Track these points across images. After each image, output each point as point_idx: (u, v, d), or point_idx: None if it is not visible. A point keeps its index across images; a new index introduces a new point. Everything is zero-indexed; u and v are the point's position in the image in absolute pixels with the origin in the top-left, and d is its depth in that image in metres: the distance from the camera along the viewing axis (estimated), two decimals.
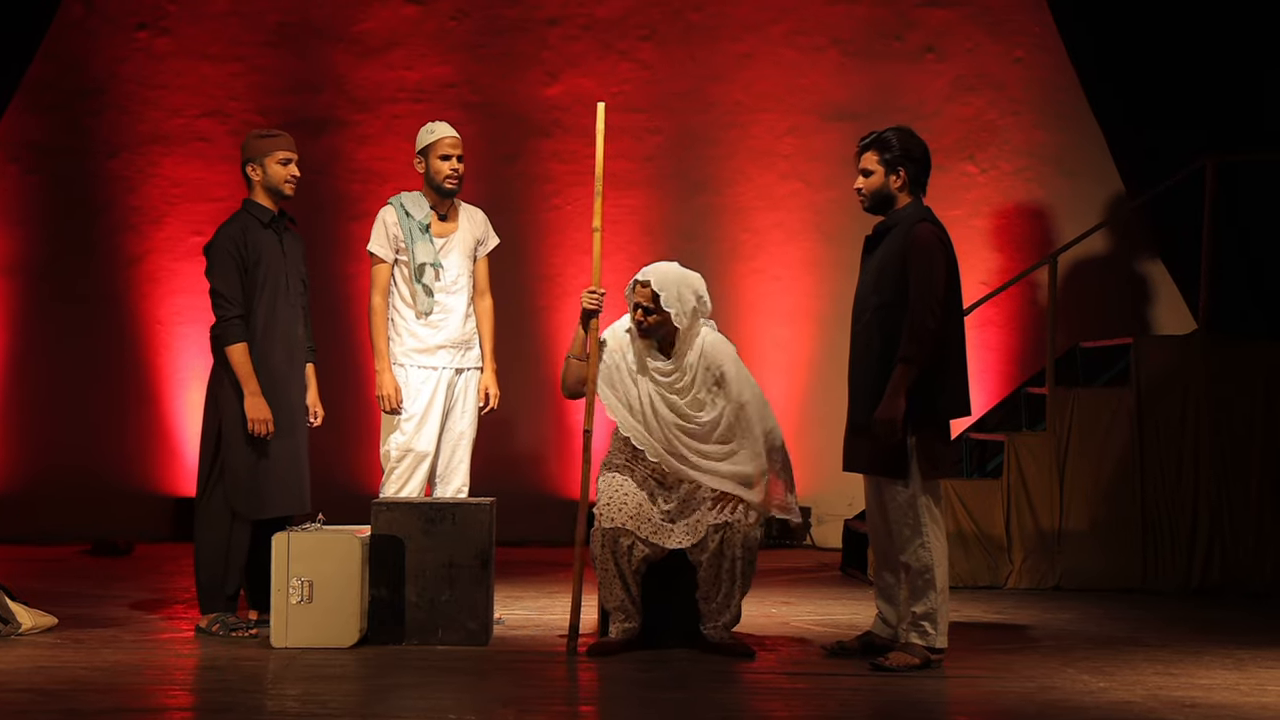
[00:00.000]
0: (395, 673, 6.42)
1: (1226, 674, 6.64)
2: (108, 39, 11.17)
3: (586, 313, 6.91)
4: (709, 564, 6.76)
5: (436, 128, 7.61)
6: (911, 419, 6.56)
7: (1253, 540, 9.17)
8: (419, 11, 11.26)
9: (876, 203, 6.78)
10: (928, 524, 6.62)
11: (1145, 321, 10.92)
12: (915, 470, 6.60)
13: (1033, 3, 10.96)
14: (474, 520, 7.01)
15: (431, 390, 7.57)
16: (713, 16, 11.26)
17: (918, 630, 6.64)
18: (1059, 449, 9.21)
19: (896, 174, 6.72)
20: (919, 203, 6.75)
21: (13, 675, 6.27)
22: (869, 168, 6.76)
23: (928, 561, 6.61)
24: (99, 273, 11.13)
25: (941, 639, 6.64)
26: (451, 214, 7.66)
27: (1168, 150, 9.81)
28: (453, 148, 7.56)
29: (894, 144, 6.71)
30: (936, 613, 6.61)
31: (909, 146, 6.73)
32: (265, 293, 7.23)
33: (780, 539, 10.86)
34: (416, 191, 7.65)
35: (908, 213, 6.70)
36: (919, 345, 6.49)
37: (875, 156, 6.74)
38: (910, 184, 6.74)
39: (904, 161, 6.71)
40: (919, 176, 6.76)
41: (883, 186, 6.74)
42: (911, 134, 6.77)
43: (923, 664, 6.60)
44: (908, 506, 6.63)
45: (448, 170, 7.54)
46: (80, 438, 11.07)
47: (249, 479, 7.17)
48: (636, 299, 6.85)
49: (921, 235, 6.58)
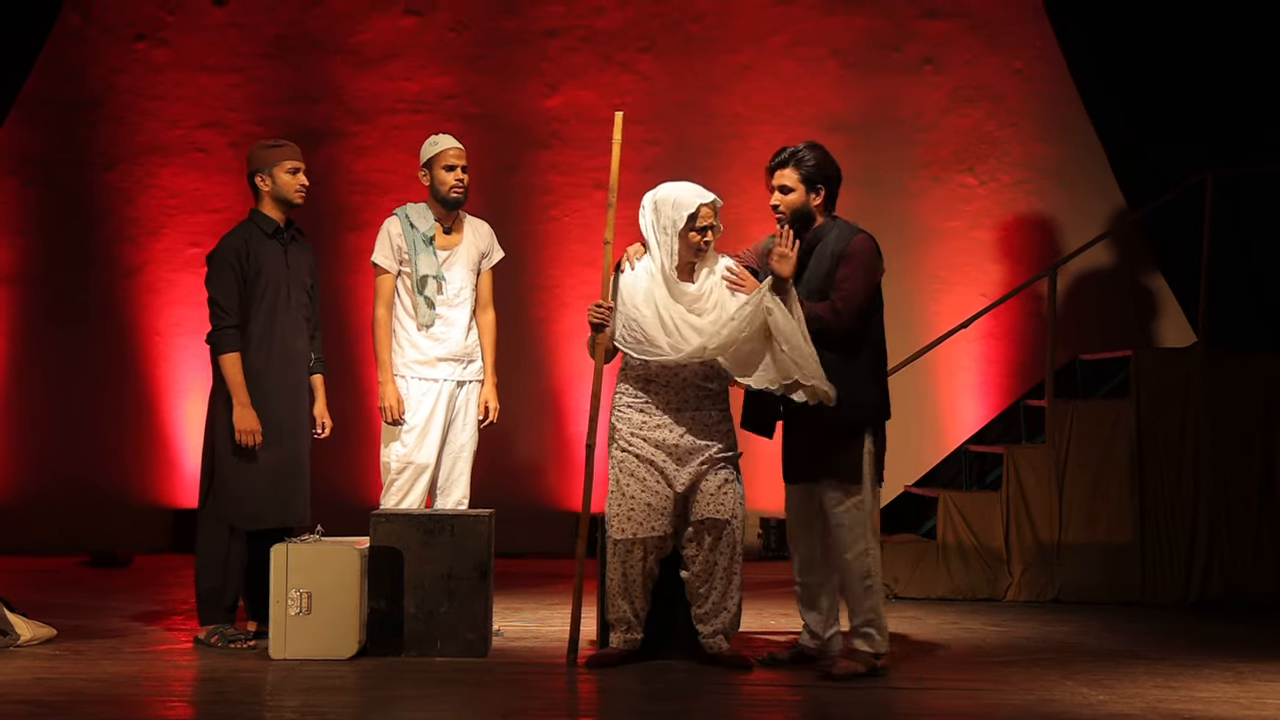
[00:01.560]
0: (394, 684, 6.41)
1: (1226, 687, 6.63)
2: (105, 50, 11.17)
3: (594, 326, 6.89)
4: (703, 561, 6.74)
5: (440, 139, 7.60)
6: (866, 422, 6.63)
7: (1252, 553, 9.16)
8: (418, 23, 11.27)
9: (795, 220, 6.75)
10: (869, 531, 6.66)
11: (1145, 334, 10.91)
12: (868, 475, 6.65)
13: (1032, 14, 10.96)
14: (473, 532, 7.00)
15: (433, 402, 7.56)
16: (712, 28, 11.27)
17: (862, 637, 6.68)
18: (1058, 461, 9.21)
19: (816, 191, 6.73)
20: (839, 219, 6.78)
21: (12, 687, 6.26)
22: (788, 184, 6.73)
23: (869, 567, 6.65)
24: (97, 284, 11.13)
25: (884, 644, 6.70)
26: (456, 227, 7.65)
27: (1168, 163, 9.82)
28: (457, 158, 7.55)
29: (811, 161, 6.71)
30: (879, 618, 6.66)
31: (827, 164, 6.74)
32: (264, 303, 7.22)
33: (779, 550, 10.85)
34: (422, 204, 7.64)
35: (837, 229, 6.71)
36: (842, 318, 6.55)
37: (795, 174, 6.72)
38: (827, 203, 6.77)
39: (822, 179, 6.72)
40: (835, 195, 6.79)
41: (803, 204, 6.74)
42: (826, 151, 6.78)
43: (869, 671, 6.63)
44: (854, 510, 6.65)
45: (452, 181, 7.53)
46: (79, 449, 11.07)
47: (239, 490, 7.16)
48: (707, 221, 6.70)
49: (861, 243, 6.64)
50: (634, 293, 6.81)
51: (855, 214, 6.94)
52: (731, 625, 6.86)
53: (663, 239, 6.77)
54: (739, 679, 6.64)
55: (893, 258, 11.02)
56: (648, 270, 6.83)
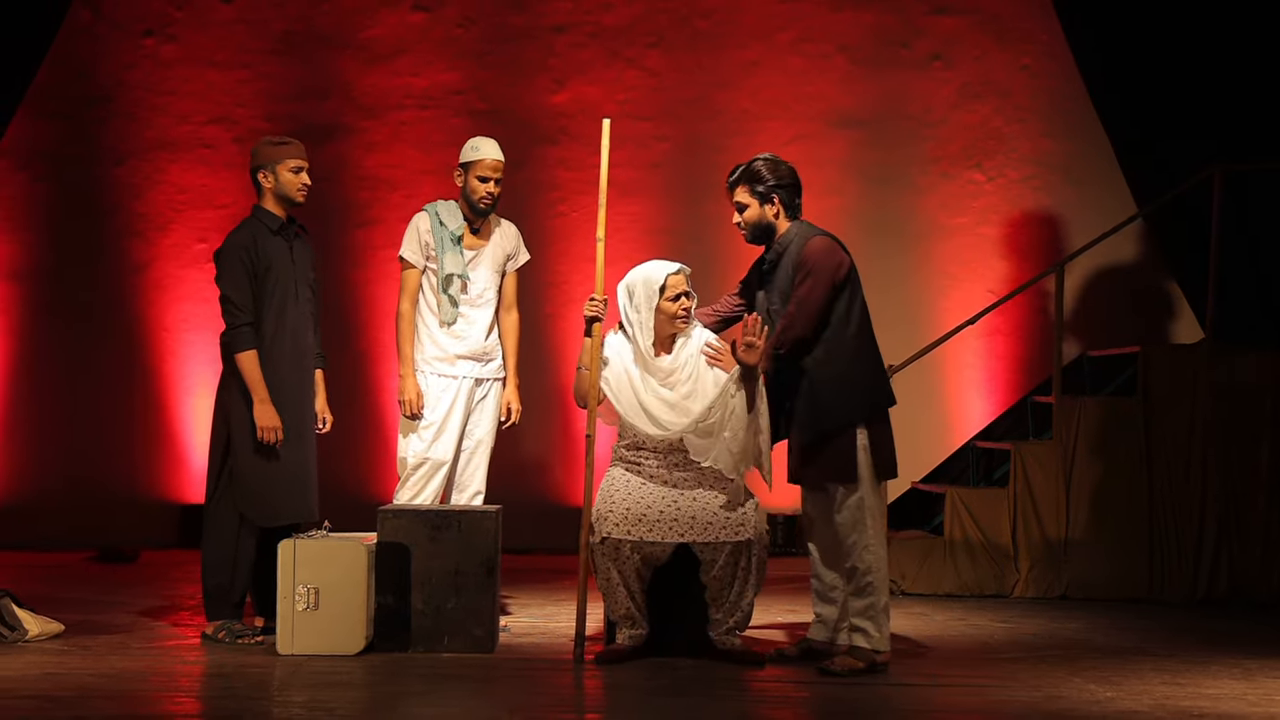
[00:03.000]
0: (401, 680, 6.42)
1: (1234, 684, 6.63)
2: (115, 46, 11.18)
3: (588, 319, 6.93)
4: (724, 563, 6.74)
5: (483, 147, 7.60)
6: (861, 419, 6.66)
7: (1260, 550, 9.16)
8: (426, 19, 11.26)
9: (757, 234, 6.89)
10: (870, 526, 6.67)
11: (1153, 330, 10.90)
12: (866, 471, 6.66)
13: (1040, 10, 10.95)
14: (480, 527, 7.01)
15: (451, 399, 7.58)
16: (720, 24, 11.26)
17: (861, 633, 6.68)
18: (1066, 458, 9.20)
19: (770, 202, 6.82)
20: (802, 223, 6.85)
21: (20, 682, 6.27)
22: (743, 201, 6.86)
23: (870, 563, 6.66)
24: (105, 279, 11.14)
25: (884, 641, 6.69)
26: (484, 228, 7.68)
27: (1176, 159, 9.81)
28: (493, 170, 7.56)
29: (763, 174, 6.82)
30: (879, 615, 6.66)
31: (778, 174, 6.83)
32: (274, 300, 7.23)
33: (785, 546, 10.85)
34: (452, 201, 7.66)
35: (796, 234, 6.80)
36: (786, 340, 6.66)
37: (746, 190, 6.84)
38: (787, 210, 6.84)
39: (776, 189, 6.81)
40: (792, 200, 6.86)
41: (760, 218, 6.84)
42: (777, 160, 6.87)
43: (868, 667, 6.64)
44: (855, 508, 6.67)
45: (484, 191, 7.55)
46: (86, 444, 11.08)
47: (259, 486, 7.17)
48: (678, 289, 6.89)
49: (812, 248, 6.71)
50: (614, 369, 6.99)
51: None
52: (743, 621, 6.87)
53: (638, 317, 6.94)
54: (747, 675, 6.63)
55: (900, 253, 11.11)
56: (621, 353, 7.00)
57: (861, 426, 6.68)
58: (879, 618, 6.67)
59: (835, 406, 6.66)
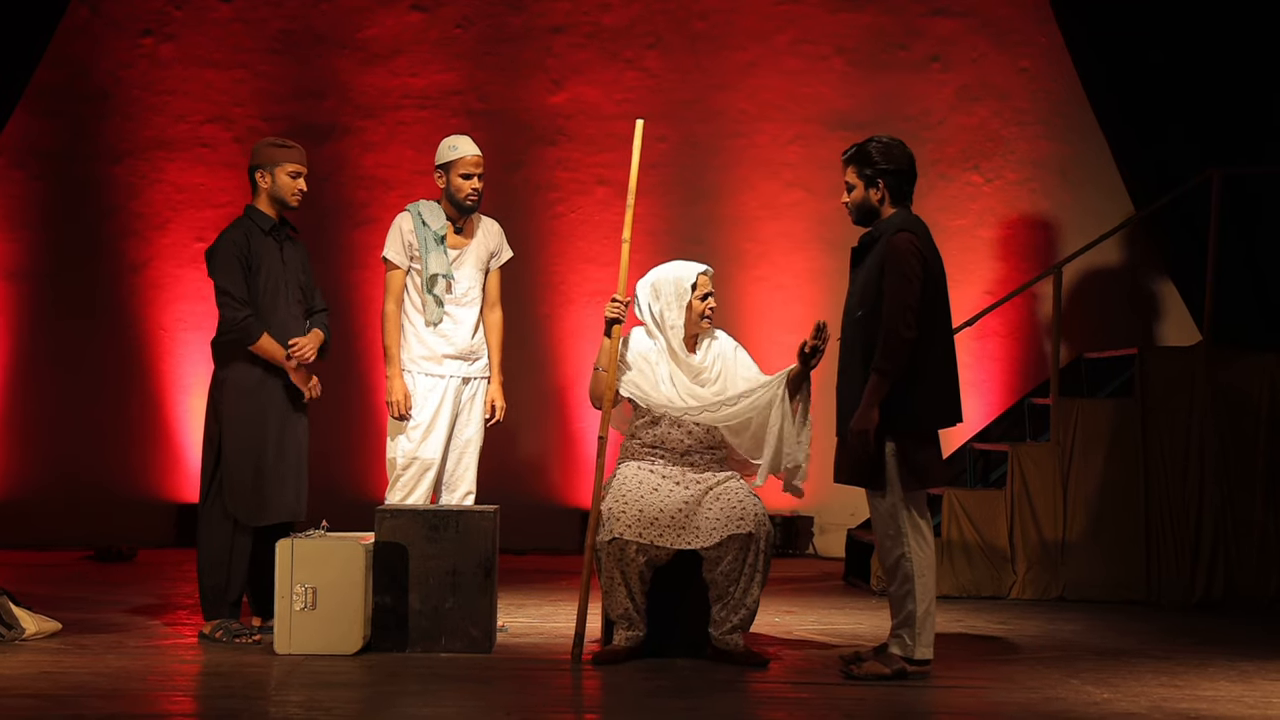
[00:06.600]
0: (398, 680, 6.42)
1: (1231, 686, 6.63)
2: (112, 45, 11.18)
3: (609, 321, 6.92)
4: (731, 559, 6.74)
5: (460, 145, 7.58)
6: (889, 428, 6.54)
7: (1257, 552, 9.16)
8: (424, 19, 11.26)
9: (861, 215, 6.79)
10: (909, 534, 6.57)
11: (1150, 333, 10.91)
12: (895, 480, 6.57)
13: (1038, 13, 10.95)
14: (477, 528, 7.01)
15: (439, 399, 7.57)
16: (718, 25, 11.26)
17: (895, 640, 6.64)
18: (1063, 460, 9.21)
19: (876, 187, 6.70)
20: (905, 212, 6.73)
21: (16, 681, 6.26)
22: (850, 182, 6.77)
23: (909, 572, 6.58)
24: (103, 278, 11.13)
25: (923, 650, 6.60)
26: (468, 227, 7.66)
27: (1173, 161, 9.81)
28: (475, 166, 7.54)
29: (873, 157, 6.70)
30: (916, 623, 6.58)
31: (889, 158, 6.69)
32: (264, 299, 7.23)
33: (784, 547, 10.85)
34: (435, 201, 7.64)
35: (889, 224, 6.69)
36: (891, 355, 6.48)
37: (855, 171, 6.75)
38: (892, 195, 6.72)
39: (883, 174, 6.68)
40: (901, 187, 6.72)
41: (864, 200, 6.74)
42: (893, 144, 6.73)
43: (894, 674, 6.56)
44: (889, 516, 6.60)
45: (468, 189, 7.53)
46: (84, 443, 11.07)
47: (248, 485, 7.17)
48: (707, 289, 7.02)
49: (896, 244, 6.58)
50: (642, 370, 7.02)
51: None
52: (746, 622, 6.86)
53: (668, 314, 6.99)
54: (745, 676, 6.63)
55: None
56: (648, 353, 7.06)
57: (890, 436, 6.54)
58: (915, 626, 6.58)
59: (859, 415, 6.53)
